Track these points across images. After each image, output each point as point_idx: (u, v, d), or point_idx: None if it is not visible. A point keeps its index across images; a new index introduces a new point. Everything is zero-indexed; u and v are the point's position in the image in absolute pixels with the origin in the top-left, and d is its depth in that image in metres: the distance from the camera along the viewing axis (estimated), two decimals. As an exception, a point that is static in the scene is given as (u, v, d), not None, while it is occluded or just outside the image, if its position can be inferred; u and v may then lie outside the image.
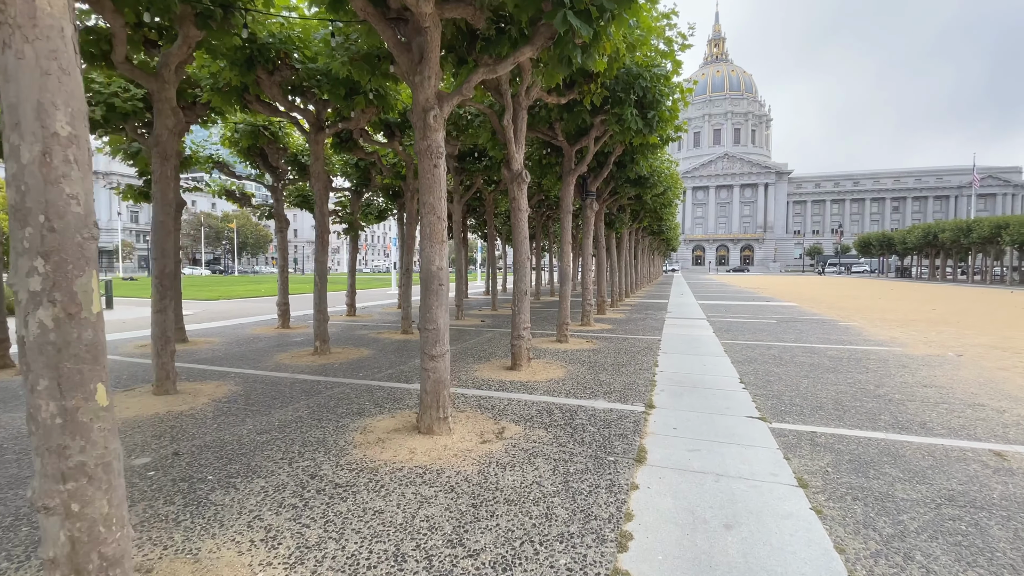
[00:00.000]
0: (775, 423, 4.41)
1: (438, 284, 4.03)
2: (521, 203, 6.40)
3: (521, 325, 6.45)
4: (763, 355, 7.76)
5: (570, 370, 6.56)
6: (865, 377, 6.24)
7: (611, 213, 15.35)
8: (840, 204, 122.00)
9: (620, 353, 7.88)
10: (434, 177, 4.02)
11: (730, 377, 6.20)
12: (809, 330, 10.76)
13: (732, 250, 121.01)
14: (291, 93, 7.39)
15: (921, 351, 8.13)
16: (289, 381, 5.98)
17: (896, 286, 36.52)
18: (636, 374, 6.35)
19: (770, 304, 18.12)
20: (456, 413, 4.58)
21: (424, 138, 3.98)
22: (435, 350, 4.01)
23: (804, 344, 8.84)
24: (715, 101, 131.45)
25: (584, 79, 6.63)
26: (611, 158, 10.26)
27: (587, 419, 4.46)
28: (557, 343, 8.81)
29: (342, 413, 4.65)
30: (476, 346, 8.53)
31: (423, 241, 4.08)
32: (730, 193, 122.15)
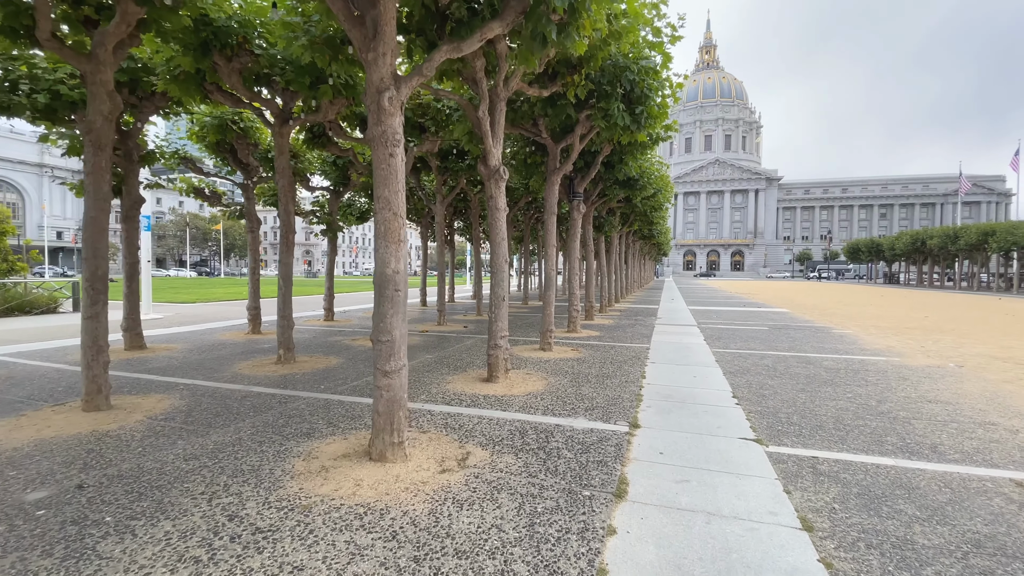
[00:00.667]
0: (772, 446, 3.96)
1: (394, 290, 3.54)
2: (499, 202, 5.93)
3: (498, 333, 5.97)
4: (756, 365, 7.34)
5: (551, 382, 6.08)
6: (865, 391, 5.83)
7: (600, 216, 14.94)
8: (829, 210, 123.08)
9: (606, 363, 7.41)
10: (390, 168, 3.53)
11: (722, 391, 5.76)
12: (803, 338, 10.39)
13: (723, 255, 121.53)
14: (256, 83, 6.88)
15: (920, 361, 7.76)
16: (241, 394, 5.44)
17: (885, 292, 36.51)
18: (621, 387, 5.88)
19: (761, 310, 17.79)
20: (417, 434, 4.08)
21: (378, 123, 3.50)
22: (389, 365, 3.51)
23: (799, 353, 8.44)
24: (706, 107, 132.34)
25: (567, 70, 6.19)
26: (599, 158, 9.84)
27: (564, 442, 3.98)
28: (540, 351, 8.34)
29: (289, 434, 4.13)
30: (454, 355, 8.03)
31: (377, 240, 3.59)
32: (721, 199, 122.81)
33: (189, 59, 5.99)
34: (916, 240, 49.59)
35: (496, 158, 5.82)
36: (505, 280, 6.07)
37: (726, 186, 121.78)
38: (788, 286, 47.31)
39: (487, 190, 5.96)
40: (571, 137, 7.98)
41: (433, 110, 8.16)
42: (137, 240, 8.21)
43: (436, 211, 11.85)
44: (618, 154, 10.22)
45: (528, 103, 7.34)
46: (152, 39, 5.93)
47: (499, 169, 5.83)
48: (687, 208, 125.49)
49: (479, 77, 5.31)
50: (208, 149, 9.86)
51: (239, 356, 7.80)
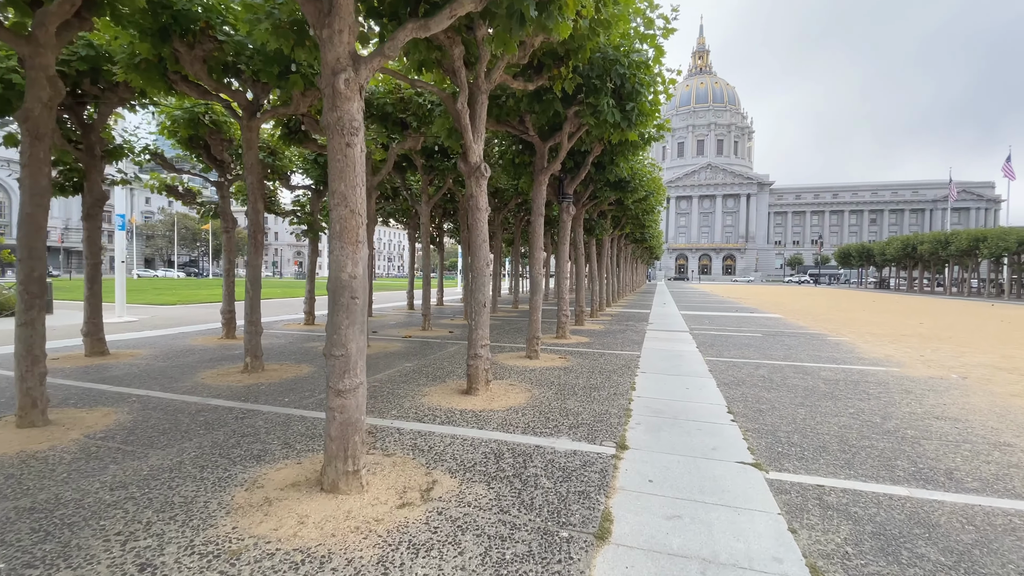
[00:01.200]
0: (773, 472, 3.59)
1: (350, 297, 3.13)
2: (480, 201, 5.53)
3: (479, 342, 5.56)
4: (751, 376, 6.98)
5: (534, 395, 5.68)
6: (868, 406, 5.48)
7: (591, 219, 14.60)
8: (820, 215, 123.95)
9: (594, 372, 7.03)
10: (346, 160, 3.13)
11: (716, 405, 5.39)
12: (798, 346, 10.07)
13: (715, 259, 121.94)
14: (224, 73, 6.45)
15: (921, 372, 7.45)
16: (196, 408, 4.99)
17: (877, 297, 36.51)
18: (610, 400, 5.50)
19: (754, 316, 17.52)
20: (380, 458, 3.67)
21: (333, 108, 3.10)
22: (344, 383, 3.10)
23: (795, 363, 8.10)
24: (699, 112, 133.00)
25: (553, 62, 5.82)
26: (589, 158, 9.49)
27: (543, 467, 3.58)
28: (526, 359, 7.94)
29: (237, 457, 3.70)
30: (434, 363, 7.61)
31: (332, 241, 3.18)
32: (713, 203, 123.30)
33: (147, 45, 5.56)
34: (907, 245, 49.79)
35: (477, 155, 5.42)
36: (486, 285, 5.67)
37: (718, 190, 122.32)
38: (779, 291, 47.28)
39: (467, 188, 5.56)
40: (559, 135, 7.61)
41: (415, 105, 7.76)
42: (99, 240, 7.73)
43: (421, 212, 11.44)
44: (609, 155, 9.87)
45: (514, 98, 6.96)
46: (108, 23, 5.51)
47: (480, 166, 5.44)
48: (679, 212, 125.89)
49: (457, 66, 4.92)
50: (181, 145, 9.40)
51: (206, 363, 7.34)
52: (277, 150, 10.53)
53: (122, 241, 13.34)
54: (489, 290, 5.65)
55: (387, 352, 8.51)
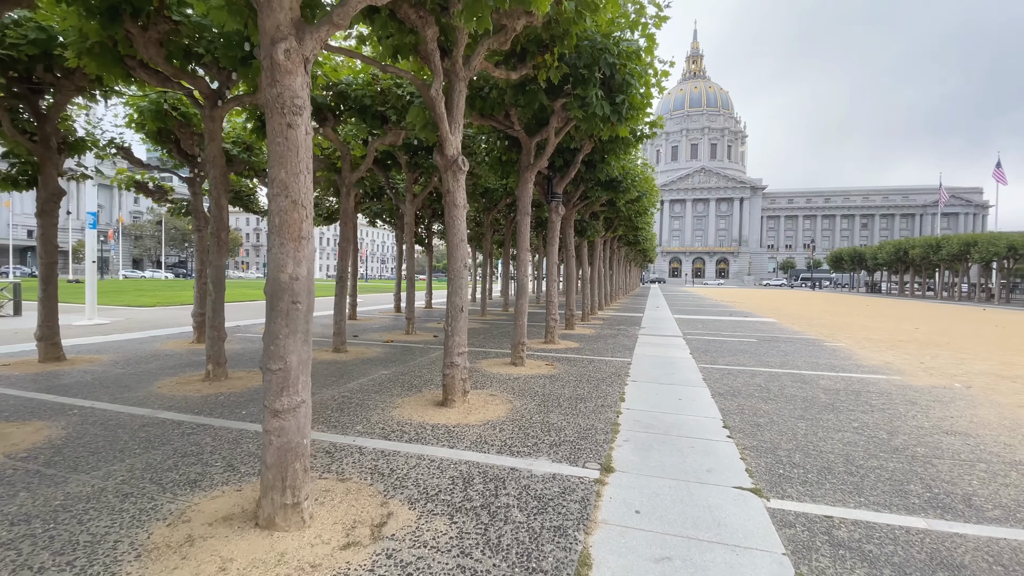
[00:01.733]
0: (774, 499, 3.20)
1: (291, 302, 2.71)
2: (457, 197, 5.12)
3: (455, 349, 5.15)
4: (747, 385, 6.61)
5: (516, 407, 5.27)
6: (872, 419, 5.12)
7: (583, 220, 14.23)
8: (812, 219, 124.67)
9: (582, 381, 6.63)
10: (288, 142, 2.71)
11: (711, 418, 5.00)
12: (794, 352, 9.73)
13: (708, 263, 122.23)
14: (185, 58, 6.00)
15: (924, 381, 7.11)
16: (142, 422, 4.54)
17: (869, 301, 36.45)
18: (597, 413, 5.09)
19: (748, 320, 17.22)
20: (333, 484, 3.24)
21: (272, 83, 2.68)
22: (281, 402, 2.67)
23: (792, 370, 7.75)
24: (692, 116, 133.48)
25: (537, 49, 5.43)
26: (579, 156, 9.11)
27: (517, 495, 3.17)
28: (511, 366, 7.53)
29: (169, 482, 3.26)
30: (413, 370, 7.18)
31: (271, 237, 2.76)
32: (706, 207, 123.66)
33: (95, 25, 5.11)
34: (899, 250, 49.94)
35: (454, 147, 5.02)
36: (465, 288, 5.26)
37: (711, 194, 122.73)
38: (772, 295, 47.22)
39: (444, 183, 5.15)
40: (546, 131, 7.22)
41: (394, 97, 7.35)
42: (55, 238, 7.24)
43: (405, 211, 11.01)
44: (600, 153, 9.50)
45: (497, 90, 6.57)
46: (51, 1, 5.07)
47: (457, 160, 5.03)
48: (673, 215, 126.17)
49: (431, 49, 4.51)
50: (150, 139, 8.92)
51: (168, 370, 6.87)
52: (253, 145, 10.06)
53: (92, 240, 12.79)
54: (467, 293, 5.24)
55: (364, 358, 8.06)
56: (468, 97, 6.77)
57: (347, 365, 7.43)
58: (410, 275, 11.10)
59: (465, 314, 5.25)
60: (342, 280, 8.74)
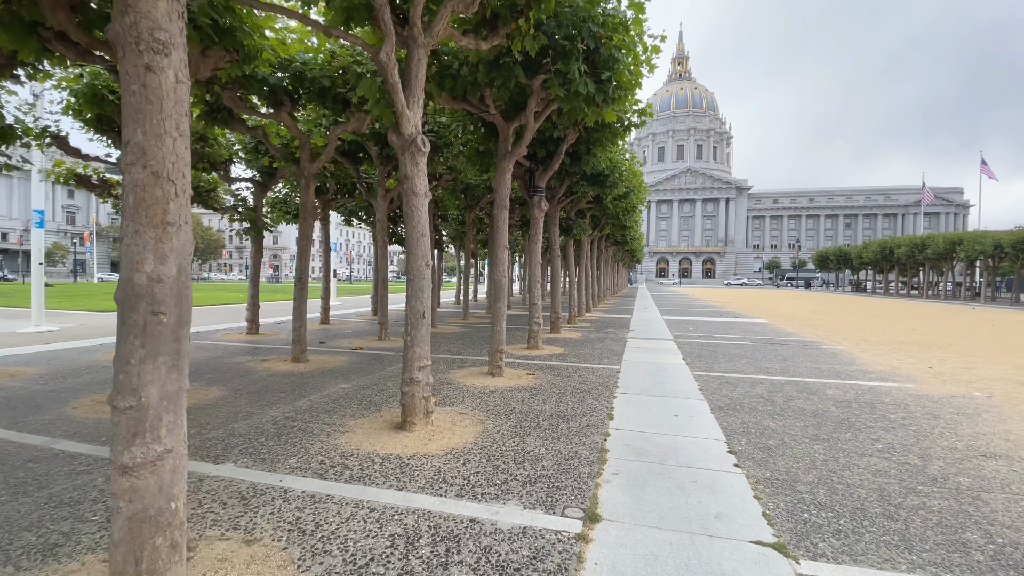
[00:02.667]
0: (805, 562, 2.50)
1: (150, 312, 1.94)
2: (416, 183, 4.37)
3: (415, 363, 4.39)
4: (749, 396, 5.95)
5: (488, 428, 4.53)
6: (897, 438, 4.47)
7: (569, 218, 13.54)
8: (797, 220, 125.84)
9: (566, 394, 5.91)
10: (147, 91, 1.95)
11: (714, 440, 4.31)
12: (793, 356, 9.12)
13: (695, 263, 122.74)
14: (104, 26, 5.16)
15: (939, 389, 6.51)
16: (32, 455, 3.71)
17: (857, 301, 36.34)
18: (581, 435, 4.38)
19: (739, 321, 16.67)
20: (234, 548, 2.47)
21: (124, 10, 1.92)
22: (132, 454, 1.90)
23: (794, 377, 7.11)
24: (679, 117, 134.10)
25: (511, 14, 4.70)
26: (562, 146, 8.42)
27: (472, 566, 2.42)
28: (488, 376, 6.79)
29: (21, 548, 2.46)
30: (377, 383, 6.41)
31: (123, 222, 2.00)
32: (693, 207, 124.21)
33: (-18, -19, 4.27)
34: (884, 249, 50.15)
35: (412, 124, 4.27)
36: (426, 290, 4.50)
37: (698, 195, 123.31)
38: (759, 294, 47.07)
39: (401, 168, 4.39)
40: (524, 115, 6.50)
41: (354, 76, 6.56)
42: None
43: (378, 207, 10.22)
44: (585, 143, 8.81)
45: (469, 67, 5.82)
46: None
47: (416, 139, 4.28)
48: (660, 216, 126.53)
49: (379, 3, 3.76)
50: (89, 126, 8.03)
51: (98, 385, 6.01)
52: (207, 135, 9.20)
53: (39, 240, 11.80)
54: (428, 297, 4.48)
55: (325, 369, 7.26)
56: (436, 75, 6.03)
57: (303, 377, 6.63)
58: (383, 276, 10.30)
59: (427, 321, 4.49)
60: (301, 282, 7.92)
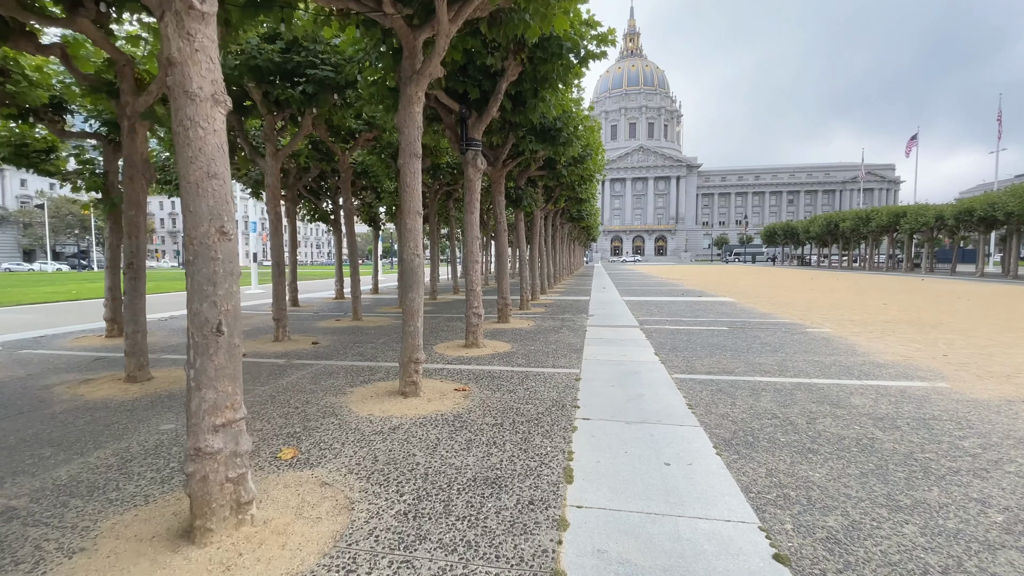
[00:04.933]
0: None
1: None
2: (192, 83, 2.27)
3: (205, 420, 2.35)
4: (756, 414, 4.28)
5: (352, 525, 2.57)
6: (998, 491, 2.85)
7: (518, 188, 11.56)
8: (744, 197, 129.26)
9: (503, 427, 4.03)
10: None
11: (740, 525, 2.54)
12: (782, 345, 7.64)
13: (647, 241, 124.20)
14: None
15: (983, 390, 5.09)
16: None
17: (809, 275, 36.57)
18: (516, 534, 2.50)
19: (704, 300, 15.37)
20: None
21: None
22: None
23: (801, 379, 5.54)
24: (630, 95, 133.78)
25: None
26: (501, 83, 6.42)
27: None
28: (397, 398, 4.82)
29: None
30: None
31: None
32: (645, 185, 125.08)
33: None
34: (830, 223, 51.27)
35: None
36: (221, 285, 2.44)
37: (650, 173, 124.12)
38: (711, 270, 47.08)
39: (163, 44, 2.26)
40: (436, 21, 4.41)
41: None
42: None
43: (266, 168, 7.87)
44: (531, 81, 6.83)
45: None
46: None
47: None
48: (614, 195, 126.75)
49: None
50: None
51: None
52: (5, 67, 6.50)
53: None
54: (228, 295, 2.42)
55: (168, 392, 5.05)
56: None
57: (120, 411, 4.41)
58: (276, 258, 8.00)
59: (226, 337, 2.44)
60: (133, 268, 5.61)
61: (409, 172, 4.79)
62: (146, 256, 6.18)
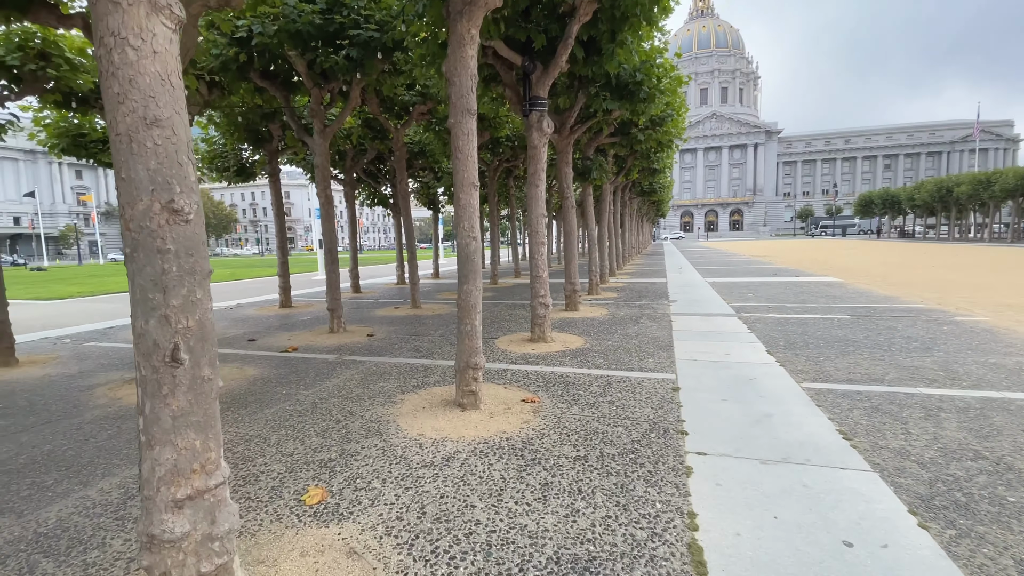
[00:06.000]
0: None
1: None
2: None
3: (158, 484, 1.57)
4: (946, 449, 3.01)
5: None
6: None
7: (586, 157, 10.34)
8: (831, 163, 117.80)
9: (589, 458, 3.06)
10: None
11: None
12: (935, 340, 6.05)
13: (721, 215, 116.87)
14: None
15: None
16: None
17: (920, 248, 32.21)
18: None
19: (804, 281, 13.43)
20: None
21: None
22: None
23: (983, 390, 4.11)
24: (701, 59, 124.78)
25: None
26: (572, 25, 5.30)
27: None
28: (453, 410, 3.98)
29: None
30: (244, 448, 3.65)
31: None
32: (719, 155, 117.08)
33: None
34: (940, 189, 45.01)
35: None
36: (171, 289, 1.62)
37: (724, 141, 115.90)
38: (797, 245, 42.95)
39: None
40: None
41: None
42: None
43: (314, 148, 7.26)
44: (607, 22, 5.62)
45: None
46: None
47: None
48: (683, 167, 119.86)
49: None
50: None
51: None
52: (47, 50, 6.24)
53: None
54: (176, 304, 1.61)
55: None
56: None
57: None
58: (328, 243, 7.44)
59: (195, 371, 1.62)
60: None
61: (461, 133, 3.84)
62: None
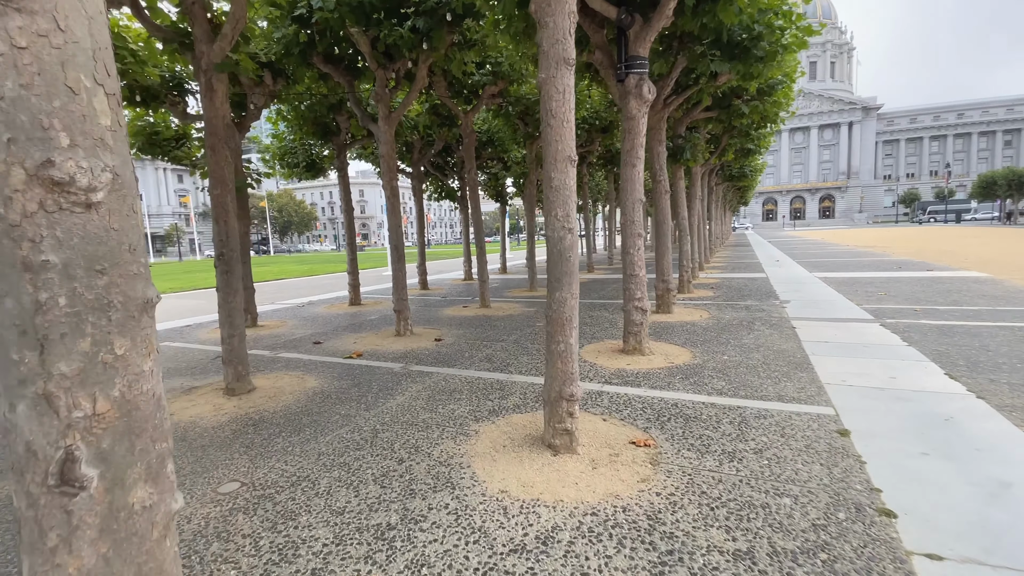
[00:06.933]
0: None
1: None
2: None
3: None
4: None
5: None
6: None
7: (678, 135, 9.05)
8: (941, 141, 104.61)
9: (756, 555, 2.05)
10: None
11: None
12: None
13: (809, 201, 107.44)
14: None
15: None
16: None
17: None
18: None
19: (941, 276, 11.24)
20: None
21: None
22: None
23: None
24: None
25: None
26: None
27: None
28: (546, 451, 3.10)
29: None
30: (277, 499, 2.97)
31: None
32: (806, 136, 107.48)
33: None
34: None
35: None
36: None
37: (812, 121, 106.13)
38: (906, 233, 38.02)
39: None
40: None
41: None
42: None
43: (379, 135, 6.64)
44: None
45: None
46: None
47: None
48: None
49: None
50: None
51: None
52: (114, 42, 6.04)
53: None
54: (68, 371, 0.83)
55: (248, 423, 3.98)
56: None
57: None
58: (394, 239, 6.81)
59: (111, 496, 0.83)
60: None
61: (556, 91, 2.89)
62: (248, 245, 5.32)
